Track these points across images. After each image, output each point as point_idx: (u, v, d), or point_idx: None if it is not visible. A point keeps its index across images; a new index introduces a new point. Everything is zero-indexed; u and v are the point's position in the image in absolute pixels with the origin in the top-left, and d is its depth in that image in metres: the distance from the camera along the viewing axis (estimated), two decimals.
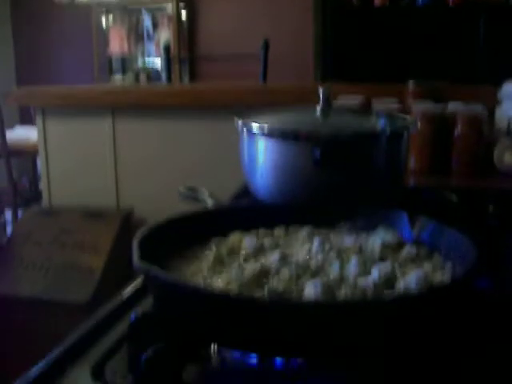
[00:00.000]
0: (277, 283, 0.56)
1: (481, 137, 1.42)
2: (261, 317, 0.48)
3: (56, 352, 0.59)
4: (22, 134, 3.95)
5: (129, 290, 0.73)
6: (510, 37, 2.16)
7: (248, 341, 0.51)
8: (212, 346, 0.56)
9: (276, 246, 0.67)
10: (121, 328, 0.63)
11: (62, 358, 0.58)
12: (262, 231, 0.71)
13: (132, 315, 0.59)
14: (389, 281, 0.57)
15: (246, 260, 0.63)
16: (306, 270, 0.58)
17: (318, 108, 0.97)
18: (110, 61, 5.69)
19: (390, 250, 0.65)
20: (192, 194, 0.96)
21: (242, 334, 0.50)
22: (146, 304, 0.68)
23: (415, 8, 2.36)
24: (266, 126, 0.93)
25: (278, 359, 0.53)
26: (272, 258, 0.62)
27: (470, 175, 1.43)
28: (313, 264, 0.60)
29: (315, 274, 0.58)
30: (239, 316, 0.49)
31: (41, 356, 0.58)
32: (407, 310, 0.50)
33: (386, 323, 0.50)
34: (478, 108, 1.50)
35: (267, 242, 0.68)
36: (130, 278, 0.76)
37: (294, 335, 0.49)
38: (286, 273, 0.57)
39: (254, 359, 0.54)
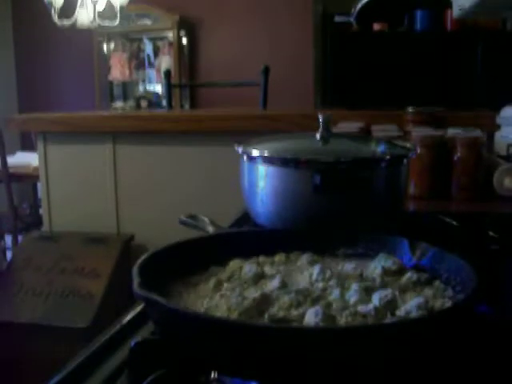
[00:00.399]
0: (277, 311, 0.56)
1: (480, 161, 1.43)
2: (261, 343, 0.48)
3: (56, 379, 0.59)
4: (23, 160, 3.96)
5: (129, 316, 0.73)
6: (507, 62, 2.17)
7: (248, 368, 0.50)
8: (212, 373, 0.56)
9: (276, 273, 0.67)
10: (121, 354, 0.63)
11: None
12: (262, 258, 0.71)
13: (132, 341, 0.58)
14: (390, 307, 0.57)
15: (246, 287, 0.63)
16: (306, 298, 0.58)
17: (318, 134, 0.98)
18: (111, 87, 5.73)
19: (390, 277, 0.65)
20: (192, 222, 0.96)
21: (242, 360, 0.50)
22: (147, 330, 0.68)
23: (414, 34, 2.38)
24: (266, 152, 0.94)
25: None
26: (272, 286, 0.62)
27: (470, 200, 1.43)
28: (313, 291, 0.60)
29: (315, 301, 0.58)
30: (239, 342, 0.49)
31: (40, 383, 0.58)
32: (408, 336, 0.50)
33: (387, 348, 0.50)
34: (476, 132, 1.51)
35: (267, 269, 0.68)
36: (130, 303, 0.76)
37: (295, 362, 0.48)
38: (286, 300, 0.57)
39: None
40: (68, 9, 4.36)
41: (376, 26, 2.42)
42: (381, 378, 0.51)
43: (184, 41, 5.51)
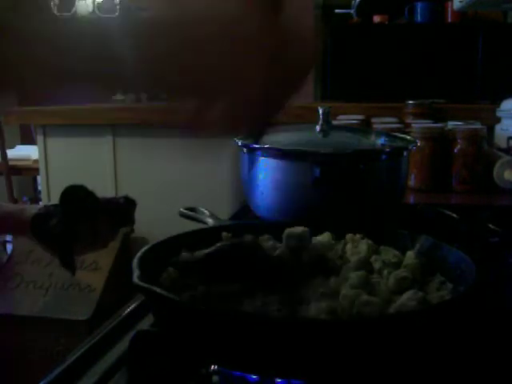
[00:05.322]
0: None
1: (480, 154, 1.43)
2: (261, 335, 0.48)
3: (56, 371, 0.59)
4: (23, 153, 3.95)
5: (129, 308, 0.73)
6: (508, 54, 2.17)
7: (247, 360, 0.50)
8: (212, 365, 0.56)
9: None
10: (121, 346, 0.63)
11: (63, 377, 0.58)
12: None
13: (132, 333, 0.59)
14: (388, 299, 0.57)
15: None
16: None
17: (318, 126, 0.98)
18: None
19: (390, 269, 0.65)
20: (192, 214, 0.96)
21: (241, 353, 0.50)
22: (147, 322, 0.68)
23: (414, 26, 2.38)
24: (266, 145, 0.94)
25: (279, 380, 0.53)
26: None
27: (470, 192, 1.43)
28: None
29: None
30: (239, 335, 0.49)
31: (40, 376, 0.58)
32: (406, 328, 0.50)
33: (387, 342, 0.50)
34: (477, 125, 1.51)
35: None
36: (130, 296, 0.76)
37: (295, 354, 0.48)
38: None
39: (255, 379, 0.53)
40: (67, 1, 4.35)
41: (376, 18, 2.42)
42: (380, 370, 0.51)
43: None
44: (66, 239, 0.53)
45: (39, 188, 3.31)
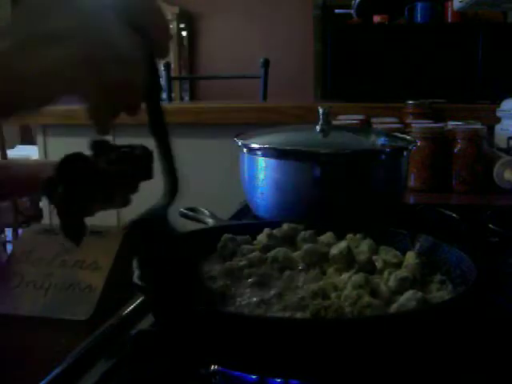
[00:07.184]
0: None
1: (480, 154, 1.43)
2: (261, 335, 0.48)
3: (56, 371, 0.59)
4: (23, 153, 3.95)
5: (129, 309, 0.73)
6: (508, 54, 2.17)
7: (248, 361, 0.50)
8: (213, 365, 0.56)
9: None
10: (121, 346, 0.63)
11: (63, 377, 0.58)
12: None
13: (132, 333, 0.59)
14: (389, 299, 0.57)
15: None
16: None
17: (318, 126, 0.98)
18: None
19: (391, 269, 0.65)
20: (193, 215, 0.96)
21: (242, 354, 0.50)
22: (147, 322, 0.68)
23: (414, 26, 2.38)
24: (265, 144, 0.94)
25: (279, 380, 0.53)
26: None
27: (470, 192, 1.43)
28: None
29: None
30: (239, 335, 0.49)
31: (40, 376, 0.58)
32: (406, 328, 0.50)
33: (387, 342, 0.50)
34: (477, 125, 1.51)
35: None
36: (130, 296, 0.76)
37: (294, 354, 0.48)
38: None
39: (255, 379, 0.53)
40: None
41: (376, 18, 2.41)
42: (379, 370, 0.51)
43: (184, 33, 5.50)
44: (68, 211, 0.52)
45: None
